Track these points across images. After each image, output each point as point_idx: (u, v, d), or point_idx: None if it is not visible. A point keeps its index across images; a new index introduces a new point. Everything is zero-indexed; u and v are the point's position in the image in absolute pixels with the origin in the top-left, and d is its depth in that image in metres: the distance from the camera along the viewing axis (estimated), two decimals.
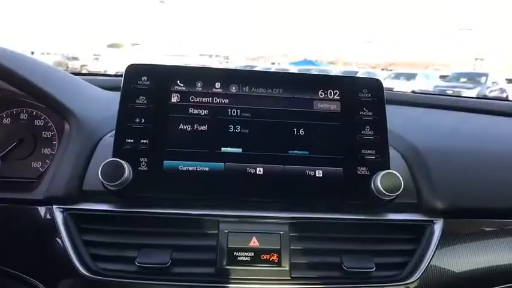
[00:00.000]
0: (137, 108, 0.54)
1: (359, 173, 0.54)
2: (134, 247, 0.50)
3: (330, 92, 0.57)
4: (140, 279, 0.49)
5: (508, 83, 11.39)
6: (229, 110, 0.55)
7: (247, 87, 0.57)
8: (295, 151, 0.54)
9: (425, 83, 11.22)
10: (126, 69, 0.56)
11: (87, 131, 0.58)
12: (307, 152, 0.54)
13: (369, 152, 0.55)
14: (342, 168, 0.54)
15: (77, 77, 0.79)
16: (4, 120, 0.72)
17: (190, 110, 0.55)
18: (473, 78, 10.94)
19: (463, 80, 10.85)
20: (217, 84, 0.56)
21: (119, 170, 0.49)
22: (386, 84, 0.60)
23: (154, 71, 0.56)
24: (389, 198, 0.51)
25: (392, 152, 0.57)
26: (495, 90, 10.51)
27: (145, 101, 0.55)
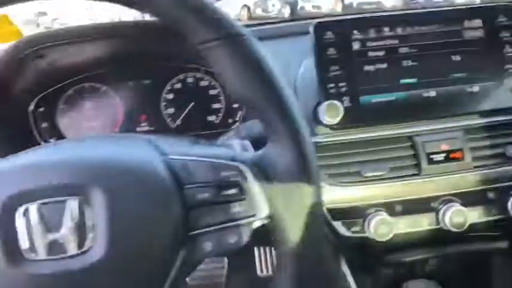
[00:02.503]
0: (330, 58, 0.67)
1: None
2: (358, 164, 0.66)
3: (474, 21, 0.70)
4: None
5: None
6: (399, 48, 0.69)
7: (409, 28, 0.69)
8: (456, 74, 0.69)
9: None
10: (314, 26, 0.68)
11: None
12: (464, 74, 0.69)
13: None
14: (494, 82, 0.69)
15: None
16: (175, 85, 0.85)
17: (369, 54, 0.68)
18: None
19: None
20: (386, 29, 0.69)
21: (337, 109, 0.64)
22: None
23: (335, 25, 0.68)
24: None
25: None
26: None
27: (334, 52, 0.68)
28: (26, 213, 0.36)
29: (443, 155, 0.66)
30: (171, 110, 0.84)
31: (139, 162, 0.40)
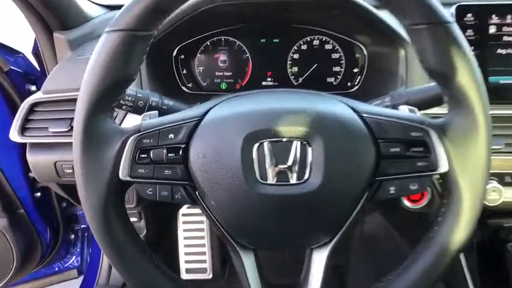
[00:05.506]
0: (467, 39, 0.74)
1: None
2: None
3: None
4: None
5: None
6: None
7: None
8: None
9: None
10: (456, 8, 0.74)
11: None
12: None
13: None
14: None
15: None
16: (302, 46, 0.92)
17: (504, 38, 0.75)
18: None
19: None
20: None
21: None
22: None
23: (475, 9, 0.74)
24: None
25: None
26: None
27: (472, 33, 0.74)
28: (260, 147, 0.47)
29: None
30: (295, 69, 0.92)
31: (344, 116, 0.50)
